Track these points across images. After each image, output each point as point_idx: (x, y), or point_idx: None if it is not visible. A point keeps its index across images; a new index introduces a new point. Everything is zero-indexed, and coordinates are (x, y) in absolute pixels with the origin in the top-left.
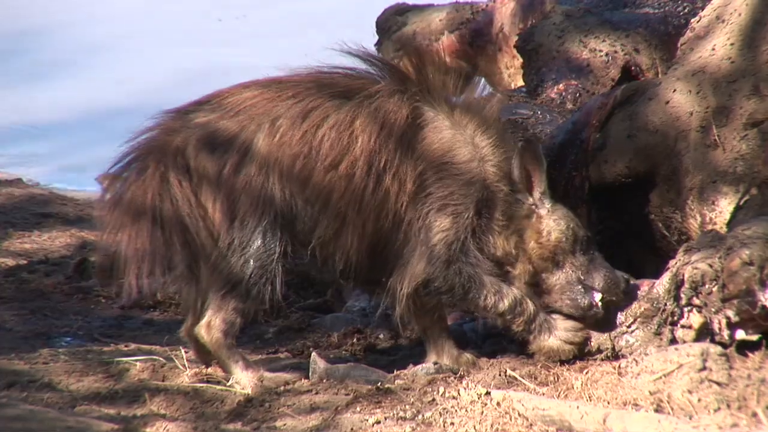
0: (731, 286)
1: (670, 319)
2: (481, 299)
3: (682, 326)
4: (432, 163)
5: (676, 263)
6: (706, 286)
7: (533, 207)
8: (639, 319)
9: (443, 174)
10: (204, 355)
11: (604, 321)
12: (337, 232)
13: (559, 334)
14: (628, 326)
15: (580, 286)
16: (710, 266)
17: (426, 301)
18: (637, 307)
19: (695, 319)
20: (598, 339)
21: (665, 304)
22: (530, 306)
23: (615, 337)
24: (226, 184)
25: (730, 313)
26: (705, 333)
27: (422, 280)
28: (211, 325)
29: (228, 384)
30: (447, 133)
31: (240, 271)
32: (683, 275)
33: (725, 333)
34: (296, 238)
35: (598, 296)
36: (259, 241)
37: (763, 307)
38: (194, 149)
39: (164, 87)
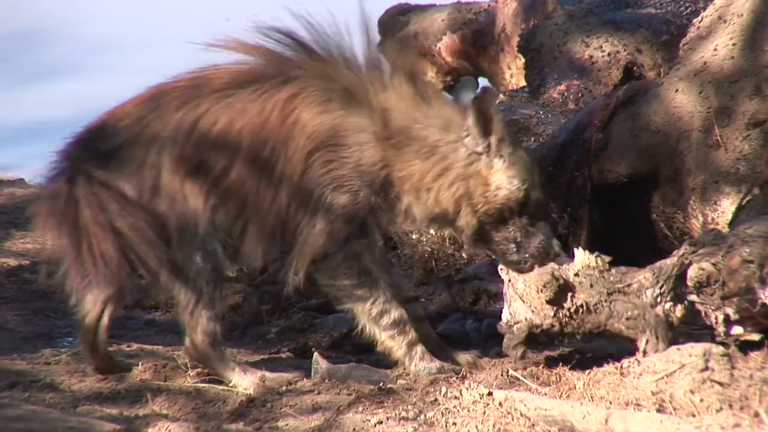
0: (731, 284)
1: (666, 296)
2: (369, 302)
3: (670, 308)
4: (320, 144)
5: (682, 253)
6: (711, 287)
7: (484, 154)
8: (635, 285)
9: (334, 155)
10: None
11: None
12: (241, 237)
13: (435, 367)
14: (624, 287)
15: (513, 245)
16: (714, 266)
17: (319, 282)
18: (636, 273)
19: (680, 309)
20: None
21: (665, 279)
22: (413, 332)
23: (601, 290)
24: (148, 204)
25: (730, 310)
26: (688, 321)
27: (321, 252)
28: (194, 343)
29: (231, 384)
30: (336, 114)
31: (195, 285)
32: (687, 271)
33: (721, 329)
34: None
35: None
36: (201, 251)
37: (763, 305)
38: (112, 174)
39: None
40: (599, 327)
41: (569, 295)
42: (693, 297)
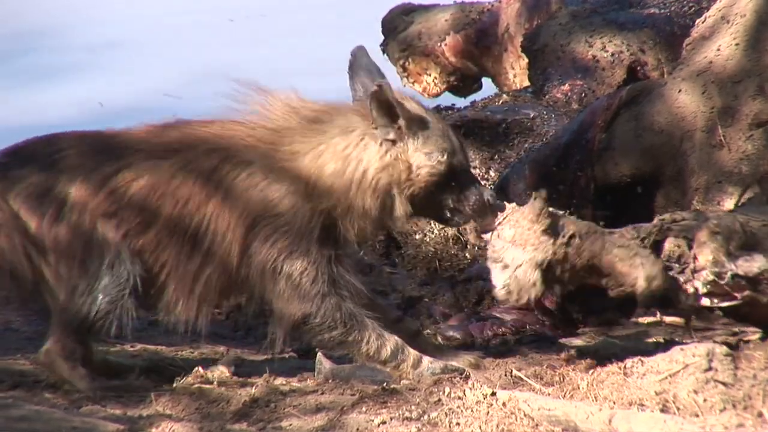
0: (700, 257)
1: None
2: (363, 343)
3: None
4: (255, 218)
5: (664, 218)
6: (682, 262)
7: (397, 140)
8: (624, 230)
9: (273, 226)
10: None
11: None
12: (160, 292)
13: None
14: (609, 233)
15: (448, 212)
16: (687, 241)
17: (307, 340)
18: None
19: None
20: None
21: (645, 236)
22: (412, 351)
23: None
24: (51, 233)
25: (698, 284)
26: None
27: (299, 316)
28: (50, 352)
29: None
30: (262, 185)
31: (86, 310)
32: (664, 240)
33: (690, 299)
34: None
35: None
36: (107, 279)
37: (733, 276)
38: (16, 200)
39: (174, 87)
40: (596, 257)
41: (561, 224)
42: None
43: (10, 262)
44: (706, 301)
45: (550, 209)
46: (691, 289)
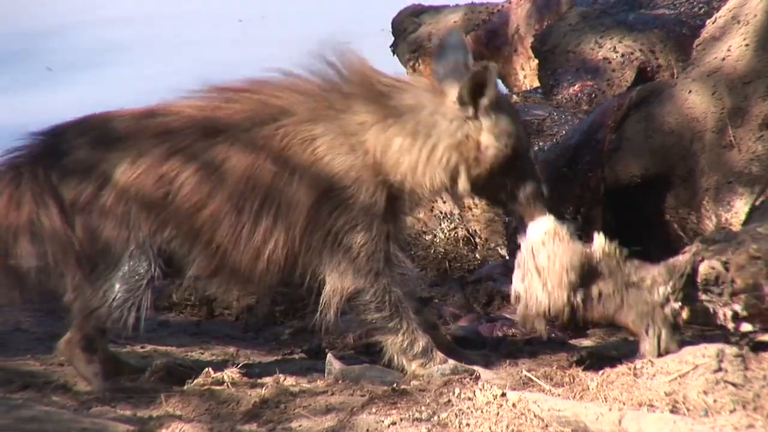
0: (739, 280)
1: (676, 294)
2: (400, 333)
3: (677, 309)
4: (321, 192)
5: (695, 249)
6: (719, 285)
7: (473, 119)
8: (649, 280)
9: (335, 203)
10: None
11: None
12: (214, 272)
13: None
14: (638, 281)
15: (504, 195)
16: (724, 264)
17: (355, 318)
18: (652, 269)
19: (685, 311)
20: None
21: (678, 278)
22: (439, 354)
23: (618, 281)
24: (86, 209)
25: (738, 307)
26: (697, 320)
27: (352, 290)
28: (70, 342)
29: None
30: (327, 159)
31: (104, 295)
32: (698, 267)
33: (730, 324)
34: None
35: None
36: (127, 266)
37: None
38: (57, 174)
39: (182, 87)
40: (607, 318)
41: (589, 280)
42: (703, 296)
43: (42, 237)
44: (747, 326)
45: (587, 253)
46: (729, 313)
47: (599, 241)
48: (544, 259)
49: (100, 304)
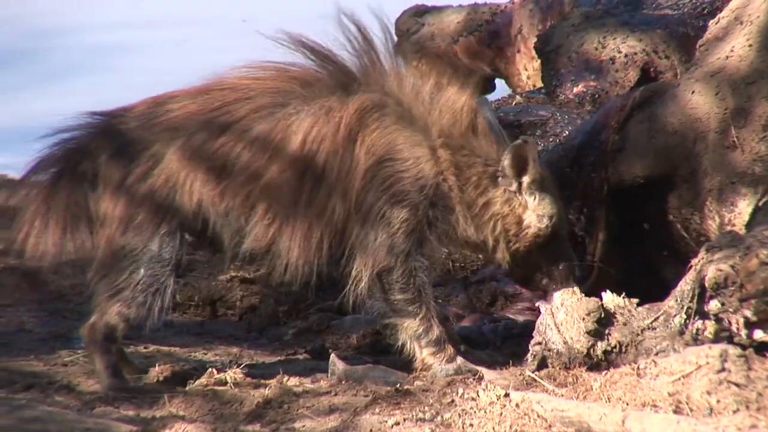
0: (749, 286)
1: (692, 318)
2: (417, 318)
3: (698, 329)
4: (379, 159)
5: (699, 262)
6: (728, 288)
7: (517, 194)
8: (662, 317)
9: (392, 170)
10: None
11: None
12: (270, 242)
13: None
14: (652, 322)
15: (539, 274)
16: (732, 267)
17: (373, 293)
18: (662, 305)
19: (710, 324)
20: None
21: (689, 303)
22: (450, 348)
23: (635, 330)
24: (128, 191)
25: (748, 312)
26: (721, 336)
27: (383, 267)
28: (94, 327)
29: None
30: (392, 129)
31: (129, 276)
32: (705, 275)
33: (743, 333)
34: (216, 249)
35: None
36: (154, 250)
37: None
38: (106, 156)
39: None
40: (627, 364)
41: (606, 331)
42: (713, 304)
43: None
44: (759, 334)
45: (604, 307)
46: (741, 320)
47: (608, 296)
48: (563, 315)
49: (125, 286)
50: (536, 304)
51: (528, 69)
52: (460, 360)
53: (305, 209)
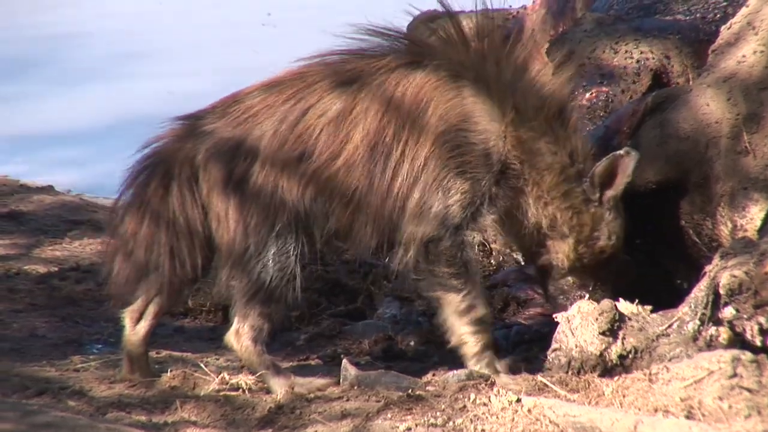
0: (764, 292)
1: (706, 324)
2: (462, 294)
3: (712, 335)
4: (450, 127)
5: (713, 268)
6: (743, 294)
7: (597, 205)
8: (676, 323)
9: (463, 140)
10: None
11: None
12: (350, 221)
13: (502, 377)
14: (666, 329)
15: (591, 287)
16: (746, 273)
17: (418, 264)
18: (676, 312)
19: (724, 331)
20: None
21: (703, 309)
22: (489, 333)
23: (649, 337)
24: (236, 191)
25: (762, 319)
26: (735, 342)
27: (431, 235)
28: (239, 333)
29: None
30: (469, 101)
31: (260, 277)
32: (719, 281)
33: (758, 339)
34: (312, 235)
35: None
36: (275, 245)
37: None
38: (203, 158)
39: (201, 94)
40: (639, 370)
41: (621, 334)
42: (727, 311)
43: (188, 225)
44: None
45: (618, 310)
46: (755, 327)
47: (623, 303)
48: (578, 320)
49: (258, 288)
50: (554, 316)
51: None
52: (490, 353)
53: (378, 185)
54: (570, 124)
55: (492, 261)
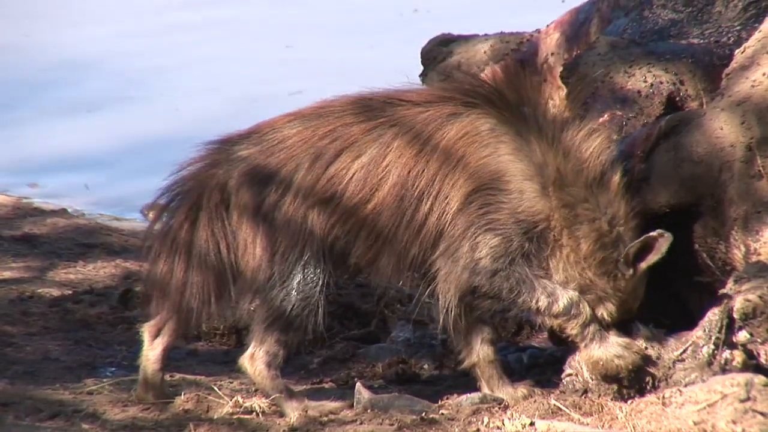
0: None
1: (720, 349)
2: (533, 302)
3: (727, 359)
4: (481, 185)
5: (727, 292)
6: (757, 318)
7: (628, 275)
8: (690, 348)
9: (493, 198)
10: None
11: None
12: (374, 258)
13: (609, 347)
14: (681, 354)
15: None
16: (760, 297)
17: (475, 306)
18: (690, 335)
19: (738, 355)
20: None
21: (717, 333)
22: (587, 309)
23: (666, 363)
24: (266, 219)
25: None
26: (749, 366)
27: (468, 287)
28: (254, 357)
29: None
30: (506, 160)
31: (281, 304)
32: (733, 305)
33: None
34: (338, 268)
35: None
36: (301, 274)
37: None
38: (236, 184)
39: (215, 118)
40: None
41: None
42: (742, 335)
43: (216, 250)
44: None
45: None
46: None
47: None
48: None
49: (279, 315)
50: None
51: (554, 98)
52: (594, 327)
53: (404, 231)
54: (611, 186)
55: None
